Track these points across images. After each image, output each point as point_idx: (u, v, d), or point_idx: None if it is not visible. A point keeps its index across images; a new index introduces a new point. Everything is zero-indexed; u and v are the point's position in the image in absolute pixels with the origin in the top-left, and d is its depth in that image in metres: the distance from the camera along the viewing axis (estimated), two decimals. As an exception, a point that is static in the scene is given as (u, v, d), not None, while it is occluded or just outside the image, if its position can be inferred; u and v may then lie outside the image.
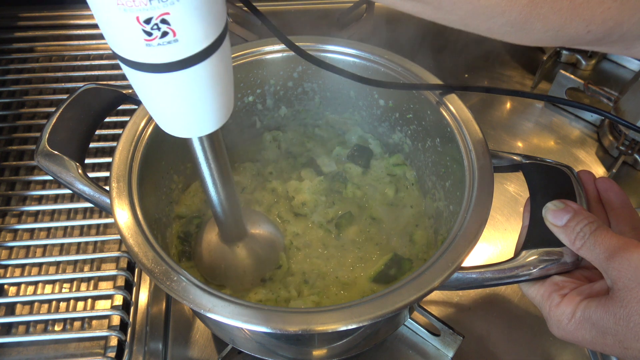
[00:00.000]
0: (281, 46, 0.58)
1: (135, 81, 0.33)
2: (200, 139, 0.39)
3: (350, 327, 0.39)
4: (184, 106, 0.35)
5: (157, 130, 0.51)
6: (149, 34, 0.29)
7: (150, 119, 0.51)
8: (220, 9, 0.31)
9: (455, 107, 0.53)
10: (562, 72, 0.80)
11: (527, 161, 0.50)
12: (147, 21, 0.28)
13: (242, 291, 0.53)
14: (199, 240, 0.55)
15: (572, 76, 0.79)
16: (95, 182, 0.48)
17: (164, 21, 0.28)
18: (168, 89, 0.33)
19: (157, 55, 0.30)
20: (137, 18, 0.28)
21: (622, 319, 0.37)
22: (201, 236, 0.55)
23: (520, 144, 0.79)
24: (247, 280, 0.53)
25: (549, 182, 0.47)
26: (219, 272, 0.53)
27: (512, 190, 0.72)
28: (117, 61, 0.32)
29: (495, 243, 0.67)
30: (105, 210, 0.48)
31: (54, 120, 0.50)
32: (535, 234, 0.44)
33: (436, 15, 0.35)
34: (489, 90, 0.78)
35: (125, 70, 0.33)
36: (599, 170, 0.76)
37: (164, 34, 0.29)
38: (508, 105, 0.84)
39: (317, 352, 0.51)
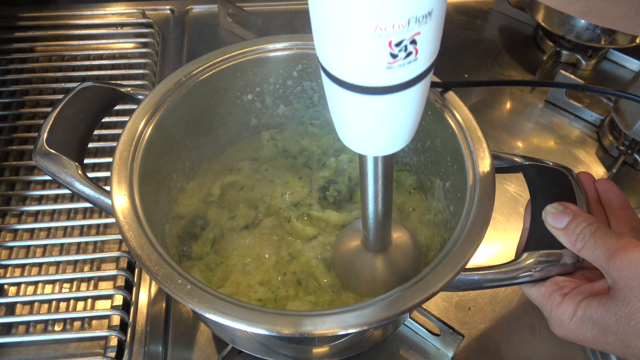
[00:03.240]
0: (281, 44, 0.58)
1: (348, 104, 0.31)
2: (376, 157, 0.37)
3: (351, 331, 0.39)
4: (385, 126, 0.32)
5: (157, 130, 0.51)
6: (395, 56, 0.27)
7: (149, 119, 0.51)
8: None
9: (455, 107, 0.53)
10: (562, 72, 0.80)
11: (528, 163, 0.50)
12: (398, 44, 0.26)
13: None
14: (339, 239, 0.54)
15: (572, 76, 0.79)
16: (95, 182, 0.48)
17: (413, 42, 0.27)
18: (379, 109, 0.31)
19: (393, 77, 0.28)
20: (390, 42, 0.26)
21: (623, 317, 0.37)
22: (341, 237, 0.54)
23: (520, 144, 0.79)
24: (381, 292, 0.52)
25: (549, 184, 0.47)
26: (354, 280, 0.52)
27: (513, 191, 0.72)
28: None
29: (496, 243, 0.67)
30: (105, 211, 0.48)
31: (52, 119, 0.49)
32: (536, 236, 0.44)
33: None
34: (489, 84, 0.78)
35: (337, 91, 0.30)
36: (599, 171, 0.76)
37: (409, 54, 0.27)
38: (508, 105, 0.84)
39: (317, 352, 0.51)
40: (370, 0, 0.24)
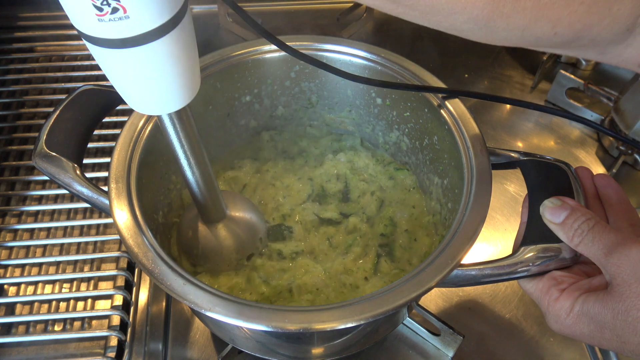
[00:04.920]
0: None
1: (97, 57, 0.34)
2: (170, 116, 0.41)
3: (349, 325, 0.39)
4: (146, 83, 0.36)
5: (155, 130, 0.51)
6: (100, 9, 0.30)
7: (148, 119, 0.52)
8: None
9: (452, 105, 0.53)
10: (562, 72, 0.80)
11: (525, 158, 0.50)
12: None
13: (219, 272, 0.54)
14: (181, 221, 0.56)
15: (572, 76, 0.79)
16: (95, 182, 0.48)
17: None
18: (128, 66, 0.34)
19: (110, 31, 0.31)
20: None
21: (621, 313, 0.37)
22: (183, 216, 0.56)
23: (520, 144, 0.79)
24: (224, 262, 0.54)
25: (546, 178, 0.47)
26: (197, 253, 0.53)
27: (512, 190, 0.72)
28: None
29: (495, 243, 0.67)
30: (104, 211, 0.48)
31: (52, 122, 0.50)
32: (534, 231, 0.44)
33: (397, 10, 0.34)
34: (490, 98, 0.78)
35: (87, 45, 0.33)
36: (599, 170, 0.76)
37: (114, 9, 0.30)
38: (508, 105, 0.84)
39: (316, 351, 0.51)
40: None
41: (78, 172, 0.48)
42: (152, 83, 0.36)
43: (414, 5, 0.33)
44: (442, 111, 0.53)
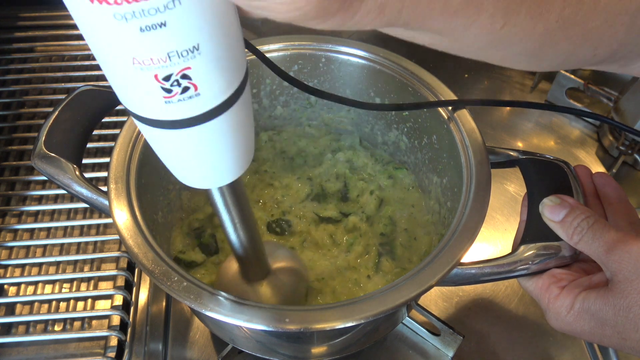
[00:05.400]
0: (277, 45, 0.58)
1: (151, 137, 0.31)
2: (220, 189, 0.37)
3: (349, 324, 0.39)
4: (205, 159, 0.32)
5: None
6: (169, 91, 0.27)
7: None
8: (241, 57, 0.29)
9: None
10: (562, 72, 0.80)
11: (524, 157, 0.50)
12: (167, 78, 0.26)
13: None
14: (220, 274, 0.52)
15: (572, 76, 0.79)
16: (95, 182, 0.48)
17: (184, 76, 0.26)
18: (188, 144, 0.31)
19: (178, 111, 0.28)
20: (156, 76, 0.26)
21: (622, 309, 0.37)
22: (222, 270, 0.51)
23: (520, 144, 0.79)
24: None
25: (545, 177, 0.47)
26: None
27: (512, 191, 0.72)
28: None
29: (495, 243, 0.67)
30: (103, 212, 0.48)
31: (50, 122, 0.50)
32: (533, 229, 0.44)
33: (453, 46, 0.33)
34: (498, 104, 0.78)
35: (141, 126, 0.30)
36: (599, 170, 0.76)
37: (185, 89, 0.27)
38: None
39: (316, 350, 0.51)
40: (121, 34, 0.24)
41: (77, 172, 0.48)
42: (212, 158, 0.32)
43: (474, 42, 0.32)
44: (441, 110, 0.53)
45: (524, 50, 0.33)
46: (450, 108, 0.53)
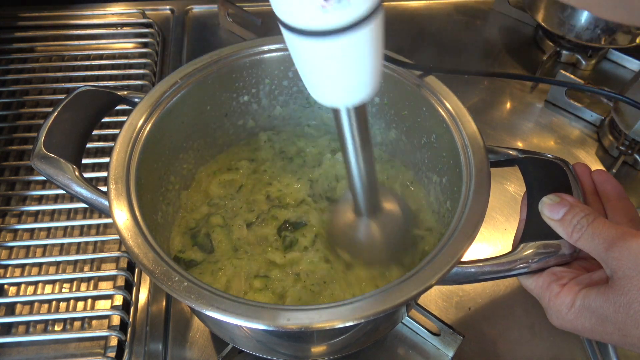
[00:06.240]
0: (276, 45, 0.58)
1: (299, 51, 0.34)
2: (348, 110, 0.39)
3: (349, 323, 0.39)
4: (344, 73, 0.35)
5: (154, 130, 0.51)
6: None
7: (147, 119, 0.51)
8: None
9: (450, 103, 0.53)
10: (562, 72, 0.80)
11: (523, 156, 0.50)
12: None
13: (376, 265, 0.53)
14: (334, 215, 0.55)
15: (572, 76, 0.79)
16: (95, 182, 0.48)
17: None
18: (333, 55, 0.33)
19: (332, 19, 0.31)
20: None
21: (623, 306, 0.37)
22: (334, 211, 0.55)
23: (520, 144, 0.79)
24: (378, 256, 0.53)
25: (545, 175, 0.47)
26: (352, 246, 0.53)
27: (512, 191, 0.72)
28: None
29: (495, 243, 0.67)
30: (103, 212, 0.48)
31: (50, 123, 0.50)
32: (533, 227, 0.44)
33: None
34: (473, 73, 0.78)
35: (292, 40, 0.33)
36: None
37: None
38: (508, 105, 0.84)
39: (316, 349, 0.51)
40: None
41: (77, 173, 0.48)
42: (351, 72, 0.35)
43: None
44: (440, 110, 0.53)
45: None
46: (450, 108, 0.53)
